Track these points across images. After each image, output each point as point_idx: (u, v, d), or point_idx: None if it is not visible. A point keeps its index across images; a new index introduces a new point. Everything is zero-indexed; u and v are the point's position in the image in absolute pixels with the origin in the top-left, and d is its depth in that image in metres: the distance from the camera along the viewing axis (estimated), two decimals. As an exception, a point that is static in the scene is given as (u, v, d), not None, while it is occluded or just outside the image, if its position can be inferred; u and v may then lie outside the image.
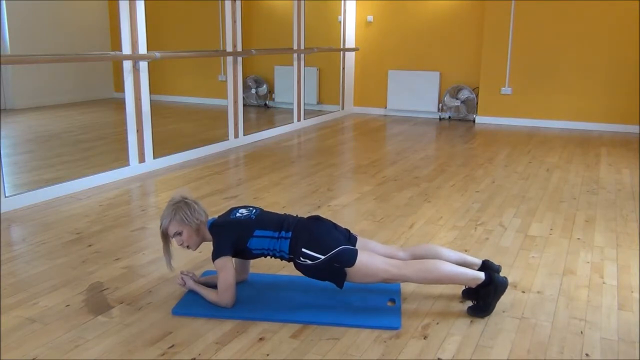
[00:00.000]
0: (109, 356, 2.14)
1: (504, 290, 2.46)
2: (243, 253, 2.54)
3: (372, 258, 2.44)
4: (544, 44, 7.44)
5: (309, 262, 2.42)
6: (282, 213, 2.66)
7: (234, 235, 2.50)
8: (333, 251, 2.40)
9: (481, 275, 2.44)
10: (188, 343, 2.23)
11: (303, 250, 2.42)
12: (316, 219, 2.59)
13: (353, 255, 2.41)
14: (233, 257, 2.52)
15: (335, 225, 2.58)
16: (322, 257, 2.40)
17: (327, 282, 2.53)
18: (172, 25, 7.80)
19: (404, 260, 2.49)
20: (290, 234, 2.48)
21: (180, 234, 2.52)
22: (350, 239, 2.59)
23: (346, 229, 2.62)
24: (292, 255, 2.48)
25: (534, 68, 7.54)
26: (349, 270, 2.41)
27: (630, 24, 7.00)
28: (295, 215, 2.67)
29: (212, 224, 2.56)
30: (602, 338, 2.29)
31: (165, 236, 2.56)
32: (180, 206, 2.51)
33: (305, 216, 2.67)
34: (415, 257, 2.58)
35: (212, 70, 7.24)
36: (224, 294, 2.46)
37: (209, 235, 2.56)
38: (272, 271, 2.90)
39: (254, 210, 2.61)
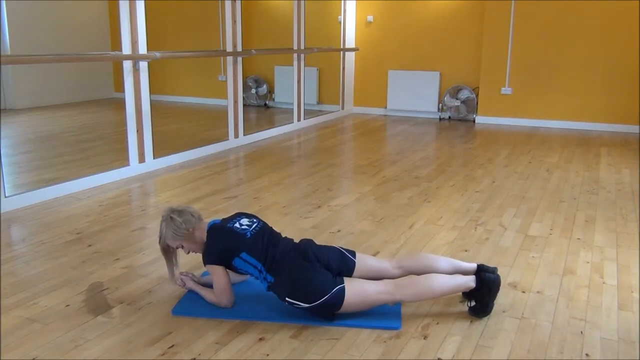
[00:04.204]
0: (109, 356, 2.14)
1: (498, 288, 2.45)
2: (229, 267, 2.50)
3: (363, 292, 2.35)
4: (544, 44, 7.44)
5: (295, 306, 2.38)
6: (280, 236, 2.57)
7: (223, 245, 2.47)
8: (317, 302, 2.32)
9: (472, 281, 2.43)
10: (188, 343, 2.23)
11: (287, 299, 2.37)
12: (303, 256, 2.43)
13: (340, 299, 2.32)
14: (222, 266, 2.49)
15: (324, 259, 2.44)
16: (307, 305, 2.34)
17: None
18: (172, 25, 7.79)
19: (395, 283, 2.40)
20: (271, 279, 2.42)
21: (181, 246, 2.55)
22: (347, 262, 2.48)
23: (338, 254, 2.50)
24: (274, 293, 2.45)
25: (534, 68, 7.54)
26: (336, 311, 2.37)
27: (630, 24, 7.00)
28: (289, 240, 2.56)
29: (211, 226, 2.55)
30: (602, 338, 2.29)
31: (166, 250, 2.56)
32: (167, 223, 2.50)
33: (297, 242, 2.57)
34: (409, 272, 2.53)
35: (212, 70, 7.23)
36: (220, 296, 2.46)
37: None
38: (272, 271, 2.90)
39: (255, 225, 2.55)
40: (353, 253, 2.55)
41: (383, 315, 2.43)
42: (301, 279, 2.36)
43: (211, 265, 2.46)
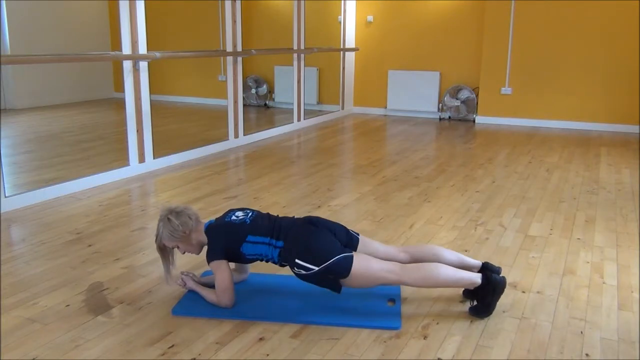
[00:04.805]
0: (109, 356, 2.14)
1: (503, 290, 2.45)
2: (237, 257, 2.52)
3: (369, 265, 2.39)
4: (544, 44, 7.44)
5: (303, 272, 2.40)
6: (279, 216, 2.64)
7: (226, 238, 2.49)
8: (326, 263, 2.35)
9: (478, 278, 2.44)
10: (188, 343, 2.23)
11: (297, 261, 2.39)
12: (310, 222, 2.52)
13: (348, 265, 2.36)
14: (229, 260, 2.51)
15: (331, 228, 2.51)
16: (316, 268, 2.36)
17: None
18: (172, 25, 7.79)
19: (402, 265, 2.44)
20: (281, 244, 2.46)
21: (177, 247, 2.56)
22: (352, 239, 2.56)
23: (344, 228, 2.58)
24: (285, 264, 2.47)
25: (534, 68, 7.54)
26: (343, 280, 2.39)
27: (630, 24, 7.00)
28: (292, 217, 2.65)
29: (208, 227, 2.56)
30: (602, 338, 2.29)
31: (162, 249, 2.58)
32: (164, 224, 2.51)
33: (303, 216, 2.64)
34: (415, 259, 2.57)
35: (212, 70, 7.23)
36: (221, 295, 2.46)
37: (205, 238, 2.55)
38: (272, 271, 2.90)
39: (250, 214, 2.59)
40: (357, 233, 2.62)
41: (383, 315, 2.43)
42: (310, 240, 2.42)
43: (216, 261, 2.46)
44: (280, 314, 2.43)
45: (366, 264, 2.39)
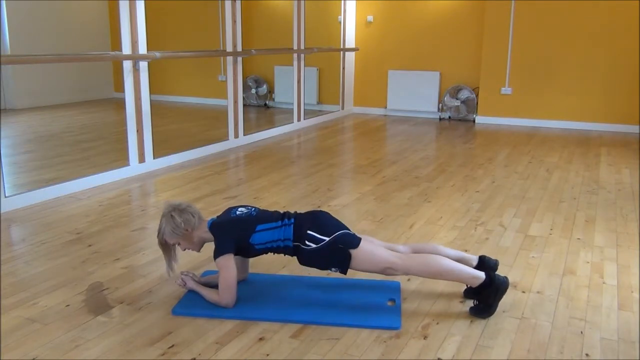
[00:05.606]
0: (109, 356, 2.14)
1: (505, 291, 2.45)
2: (246, 250, 2.53)
3: (375, 247, 2.49)
4: (544, 44, 7.44)
5: (313, 245, 2.43)
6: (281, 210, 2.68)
7: (235, 232, 2.50)
8: (337, 233, 2.45)
9: (481, 275, 2.44)
10: (188, 343, 2.23)
11: (308, 232, 2.45)
12: (315, 211, 2.62)
13: (356, 240, 2.46)
14: (236, 255, 2.51)
15: (334, 218, 2.60)
16: (327, 238, 2.43)
17: (327, 277, 2.53)
18: (172, 25, 7.79)
19: (405, 254, 2.51)
20: (292, 221, 2.52)
21: (178, 243, 2.58)
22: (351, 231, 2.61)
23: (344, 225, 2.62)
24: (297, 242, 2.47)
25: (534, 68, 7.54)
26: (352, 253, 2.43)
27: (630, 24, 7.00)
28: (294, 211, 2.67)
29: (212, 224, 2.56)
30: (602, 338, 2.29)
31: (164, 244, 2.59)
32: (167, 220, 2.53)
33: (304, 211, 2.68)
34: (416, 252, 2.59)
35: (212, 70, 7.23)
36: (224, 293, 2.45)
37: (209, 236, 2.56)
38: (272, 271, 2.90)
39: (253, 209, 2.63)
40: None
41: (383, 315, 2.43)
42: (319, 217, 2.55)
43: (224, 257, 2.45)
44: (280, 314, 2.43)
45: (372, 246, 2.49)
